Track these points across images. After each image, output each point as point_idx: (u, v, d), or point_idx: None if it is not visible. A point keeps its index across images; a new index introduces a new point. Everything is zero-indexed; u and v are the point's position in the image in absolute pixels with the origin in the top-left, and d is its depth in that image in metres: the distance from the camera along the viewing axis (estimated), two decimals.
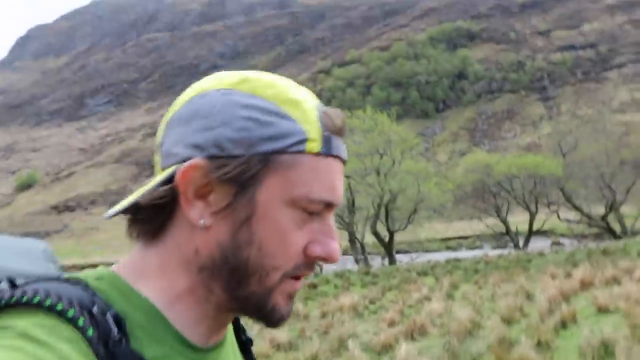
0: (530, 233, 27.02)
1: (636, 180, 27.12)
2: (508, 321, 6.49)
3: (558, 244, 27.95)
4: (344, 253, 25.70)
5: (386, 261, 24.04)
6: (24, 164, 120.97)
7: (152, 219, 0.55)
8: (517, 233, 27.82)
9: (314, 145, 0.54)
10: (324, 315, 9.80)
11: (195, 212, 0.54)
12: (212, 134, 0.53)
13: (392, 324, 6.97)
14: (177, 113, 0.56)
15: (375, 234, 24.01)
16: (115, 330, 0.49)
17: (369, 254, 25.39)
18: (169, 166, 0.55)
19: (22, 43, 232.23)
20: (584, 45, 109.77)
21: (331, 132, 0.56)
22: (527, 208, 27.67)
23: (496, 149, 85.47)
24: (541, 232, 29.21)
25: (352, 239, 23.90)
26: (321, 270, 22.03)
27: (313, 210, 0.55)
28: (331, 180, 0.56)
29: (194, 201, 0.54)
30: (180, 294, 0.55)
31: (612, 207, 26.23)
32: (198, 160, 0.52)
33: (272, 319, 0.56)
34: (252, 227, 0.53)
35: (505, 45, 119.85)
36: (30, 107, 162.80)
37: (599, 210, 27.49)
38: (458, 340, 5.72)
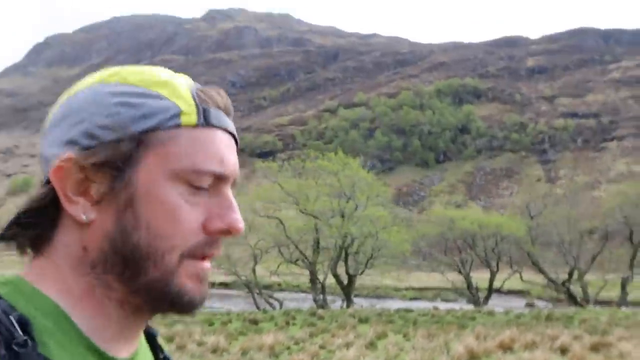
0: (490, 291, 27.23)
1: (602, 249, 27.62)
2: None
3: (532, 305, 27.79)
4: (304, 291, 25.73)
5: (345, 304, 23.98)
6: (21, 168, 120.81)
7: (35, 226, 0.53)
8: (477, 289, 27.79)
9: (190, 118, 0.54)
10: (243, 352, 9.90)
11: (76, 208, 0.52)
12: (83, 126, 0.52)
13: None
14: (50, 119, 0.55)
15: (335, 276, 24.15)
16: (19, 332, 0.47)
17: (331, 294, 25.36)
18: (47, 170, 0.53)
19: (38, 49, 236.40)
20: (587, 115, 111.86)
21: (208, 104, 0.56)
22: (488, 265, 27.98)
23: (492, 206, 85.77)
24: (517, 292, 29.17)
25: (313, 279, 23.86)
26: (281, 305, 21.92)
27: (202, 183, 0.53)
28: (218, 152, 0.55)
29: (74, 198, 0.52)
30: (80, 296, 0.52)
31: (571, 274, 26.64)
32: (68, 153, 0.51)
33: (181, 304, 0.54)
34: (136, 210, 0.52)
35: (510, 106, 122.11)
36: (36, 112, 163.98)
37: (566, 276, 27.86)
38: None
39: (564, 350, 8.60)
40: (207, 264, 0.55)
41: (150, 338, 0.64)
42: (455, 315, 17.48)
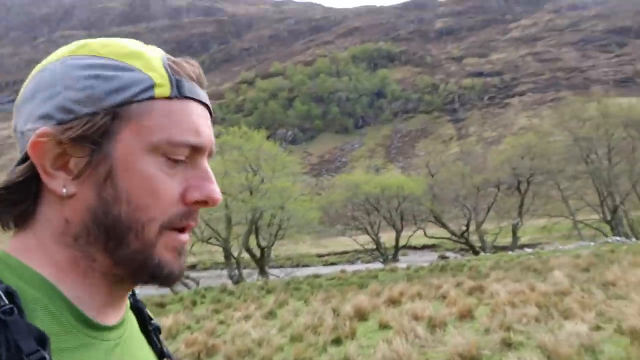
0: (397, 249, 28.75)
1: (495, 200, 30.04)
2: (299, 339, 6.97)
3: (445, 257, 29.84)
4: (223, 268, 25.90)
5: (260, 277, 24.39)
6: None
7: (17, 202, 0.54)
8: (386, 249, 29.32)
9: (164, 90, 0.54)
10: None
11: (56, 183, 0.52)
12: (56, 100, 0.52)
13: (192, 344, 7.04)
14: (23, 93, 0.56)
15: (248, 249, 24.47)
16: (5, 301, 0.47)
17: (245, 269, 25.68)
18: (24, 146, 0.54)
19: None
20: (491, 73, 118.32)
21: (181, 76, 0.56)
22: (393, 225, 29.21)
23: (409, 166, 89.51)
24: (431, 247, 31.00)
25: (227, 255, 24.13)
26: (198, 285, 22.05)
27: (179, 155, 0.54)
28: (193, 123, 0.55)
29: (53, 172, 0.52)
30: (65, 268, 0.53)
31: (468, 225, 28.65)
32: (44, 128, 0.51)
33: (161, 275, 0.55)
34: (115, 182, 0.52)
35: (422, 68, 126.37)
36: None
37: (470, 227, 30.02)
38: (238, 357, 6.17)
39: (445, 297, 9.30)
40: (184, 237, 0.56)
41: (139, 311, 0.66)
42: (360, 276, 18.05)
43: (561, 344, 4.87)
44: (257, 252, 24.85)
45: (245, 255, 25.47)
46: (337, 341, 6.54)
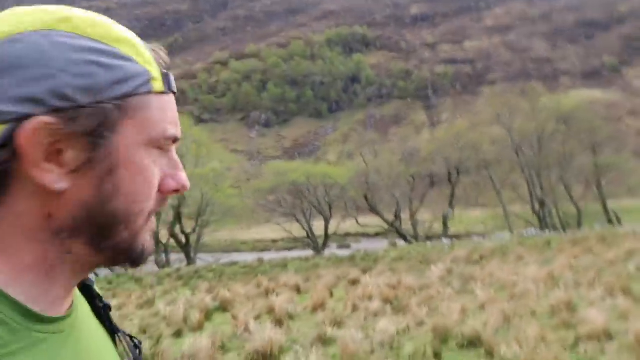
0: (327, 237, 28.17)
1: (428, 190, 30.67)
2: (144, 330, 7.41)
3: (394, 244, 29.57)
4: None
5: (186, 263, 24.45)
6: None
7: None
8: (316, 237, 28.82)
9: (158, 85, 0.54)
10: None
11: (48, 177, 0.47)
12: (50, 83, 0.46)
13: None
14: None
15: (173, 235, 24.60)
16: None
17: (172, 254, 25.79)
18: None
19: None
20: (465, 60, 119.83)
21: (165, 68, 0.56)
22: (321, 213, 28.66)
23: (382, 152, 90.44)
24: (383, 234, 31.13)
25: (156, 241, 24.34)
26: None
27: (163, 147, 0.55)
28: (175, 116, 0.56)
29: (43, 164, 0.47)
30: (27, 266, 0.49)
31: (396, 214, 28.98)
32: (44, 117, 0.46)
33: (140, 258, 0.55)
34: (116, 177, 0.50)
35: (396, 54, 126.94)
36: None
37: (407, 216, 30.14)
38: None
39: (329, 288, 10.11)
40: (153, 220, 0.57)
41: (86, 288, 0.64)
42: (272, 264, 18.07)
43: (362, 342, 5.32)
44: (183, 239, 24.87)
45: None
46: (178, 334, 7.00)
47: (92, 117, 0.48)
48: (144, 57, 0.53)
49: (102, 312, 0.64)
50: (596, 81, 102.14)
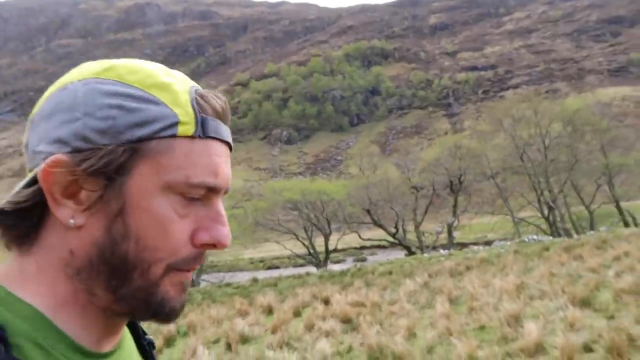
0: (327, 252, 27.61)
1: (432, 201, 29.78)
2: None
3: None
4: None
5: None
6: None
7: (20, 224, 0.51)
8: (317, 253, 28.28)
9: (187, 128, 0.52)
10: None
11: (64, 212, 0.50)
12: (75, 126, 0.50)
13: None
14: (40, 109, 0.53)
15: None
16: None
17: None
18: (34, 166, 0.51)
19: None
20: (485, 67, 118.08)
21: (207, 114, 0.54)
22: (320, 230, 28.02)
23: (405, 163, 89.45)
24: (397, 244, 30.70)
25: None
26: None
27: (194, 195, 0.52)
28: (213, 164, 0.53)
29: (62, 200, 0.50)
30: (63, 300, 0.51)
31: (396, 226, 28.16)
32: (59, 155, 0.49)
33: (163, 312, 0.53)
34: (126, 219, 0.50)
35: (416, 64, 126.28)
36: None
37: (411, 229, 29.40)
38: None
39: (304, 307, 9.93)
40: (190, 275, 0.55)
41: (133, 325, 0.64)
42: (264, 284, 17.79)
43: None
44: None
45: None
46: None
47: (104, 157, 0.49)
48: (177, 100, 0.52)
49: (146, 349, 0.65)
50: (624, 78, 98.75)
